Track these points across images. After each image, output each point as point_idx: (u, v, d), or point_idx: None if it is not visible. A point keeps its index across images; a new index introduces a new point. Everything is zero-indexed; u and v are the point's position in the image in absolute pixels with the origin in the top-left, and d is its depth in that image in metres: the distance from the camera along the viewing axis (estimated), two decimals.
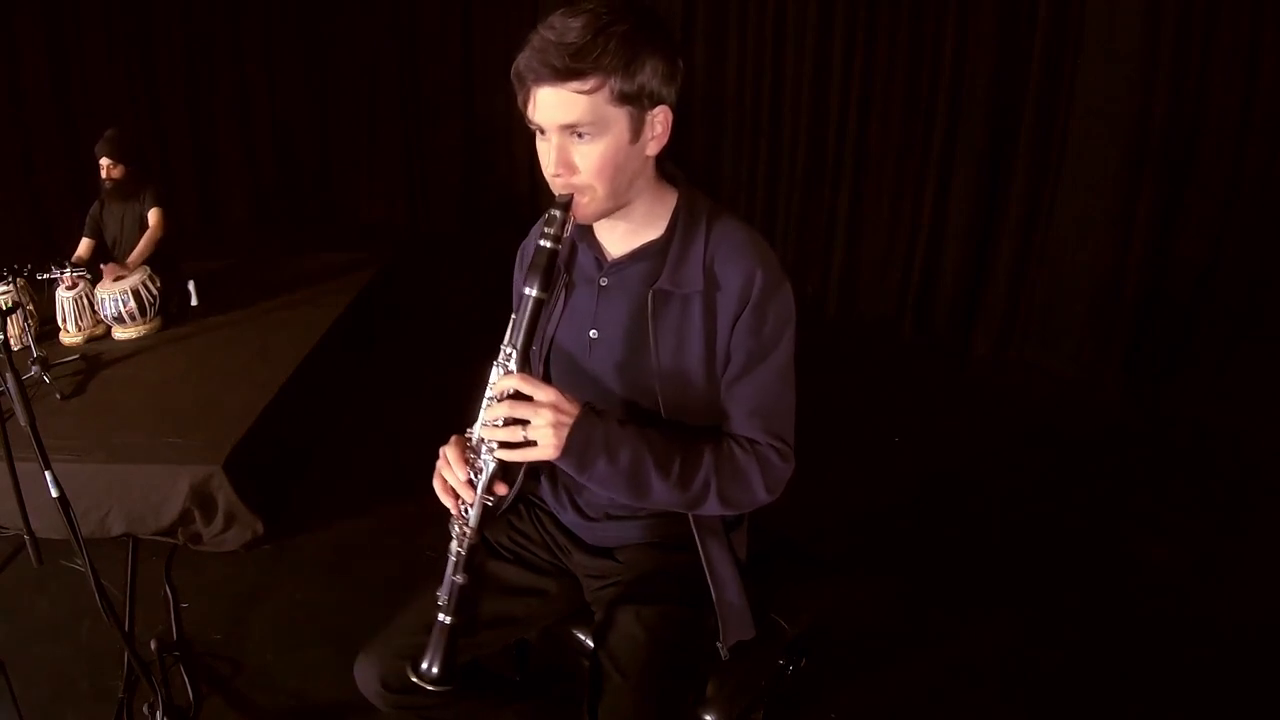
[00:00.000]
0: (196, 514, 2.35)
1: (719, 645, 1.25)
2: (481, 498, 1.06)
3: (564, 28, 0.97)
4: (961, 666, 1.96)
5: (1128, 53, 3.08)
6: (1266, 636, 2.03)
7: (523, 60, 1.00)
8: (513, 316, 1.05)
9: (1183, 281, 3.16)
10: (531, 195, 5.57)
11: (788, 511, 1.24)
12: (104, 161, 3.32)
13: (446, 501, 1.09)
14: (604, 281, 1.18)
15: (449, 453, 1.08)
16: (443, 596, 1.10)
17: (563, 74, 0.97)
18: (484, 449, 1.06)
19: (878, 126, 3.91)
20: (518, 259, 1.30)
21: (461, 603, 1.10)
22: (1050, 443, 3.03)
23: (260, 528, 2.39)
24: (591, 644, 1.28)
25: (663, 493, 1.09)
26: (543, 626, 1.40)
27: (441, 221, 5.95)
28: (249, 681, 1.92)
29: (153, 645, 1.92)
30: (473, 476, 1.07)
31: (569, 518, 1.35)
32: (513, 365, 1.04)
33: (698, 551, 1.23)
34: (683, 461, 1.09)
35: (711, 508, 1.12)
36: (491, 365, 1.06)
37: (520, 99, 1.04)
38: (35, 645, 2.02)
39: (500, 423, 1.03)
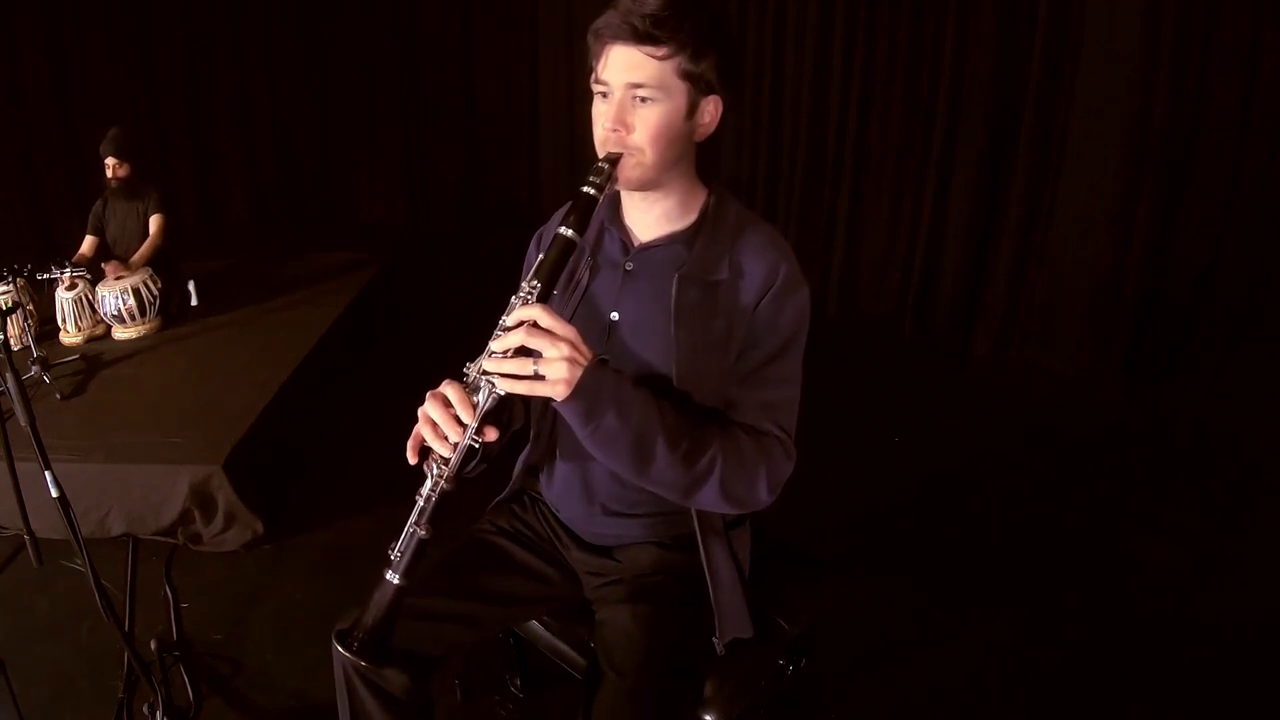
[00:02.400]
0: (196, 514, 2.35)
1: (715, 640, 1.25)
2: (470, 438, 1.00)
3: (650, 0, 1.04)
4: (961, 666, 1.96)
5: (1128, 53, 3.08)
6: (1266, 636, 2.03)
7: (603, 20, 1.06)
8: (539, 255, 1.05)
9: (1183, 281, 3.16)
10: (531, 195, 5.58)
11: (788, 511, 1.24)
12: (109, 161, 3.33)
13: (430, 437, 1.02)
14: (629, 265, 1.19)
15: (449, 392, 1.01)
16: (396, 550, 1.04)
17: (641, 36, 1.03)
18: (483, 383, 1.00)
19: (878, 126, 3.91)
20: (533, 243, 1.31)
21: (415, 562, 1.03)
22: (1050, 443, 3.03)
23: (260, 528, 2.39)
24: (590, 642, 1.28)
25: (665, 467, 1.05)
26: (541, 613, 1.41)
27: (441, 221, 5.95)
28: (249, 681, 1.92)
29: (153, 645, 1.92)
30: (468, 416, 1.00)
31: (567, 513, 1.35)
32: (534, 298, 1.00)
33: (697, 551, 1.23)
34: (691, 438, 1.07)
35: (708, 496, 1.08)
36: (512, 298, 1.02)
37: (593, 56, 1.09)
38: (35, 645, 2.02)
39: (512, 352, 0.98)
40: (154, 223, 3.39)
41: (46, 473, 1.46)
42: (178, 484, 2.33)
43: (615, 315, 1.19)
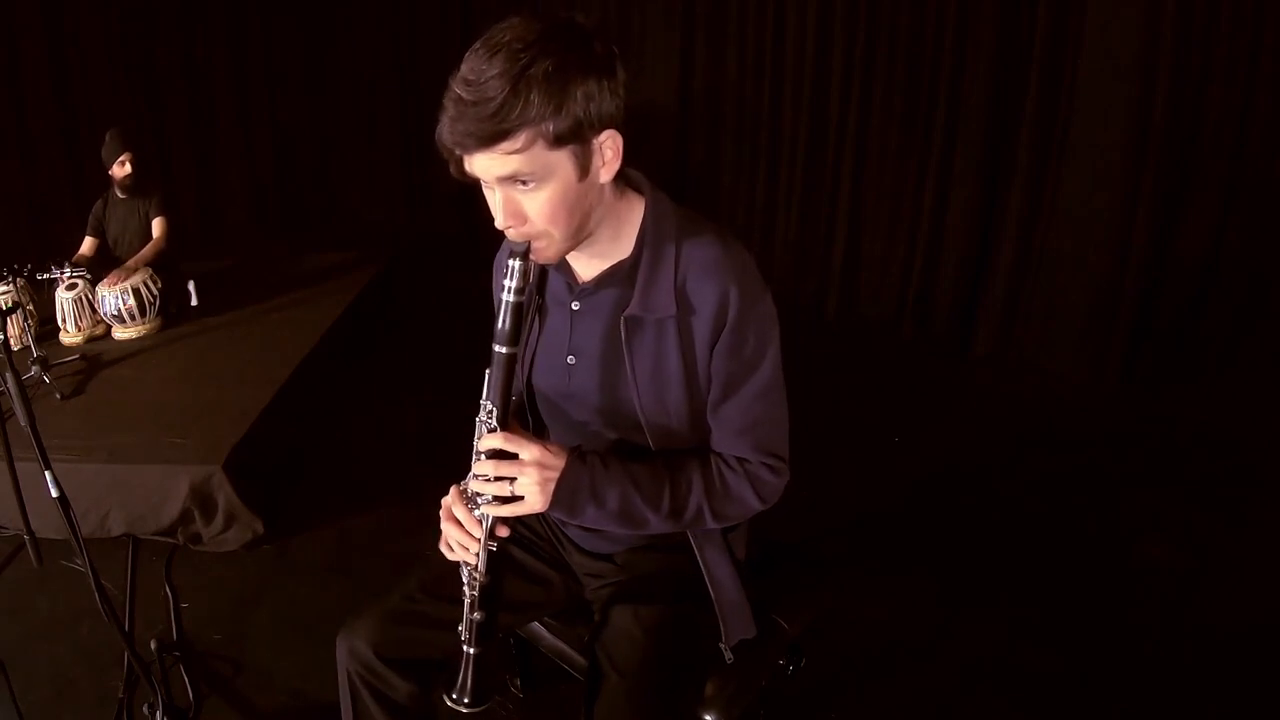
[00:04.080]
0: (196, 514, 2.35)
1: (722, 646, 1.25)
2: (485, 545, 1.08)
3: (480, 81, 0.88)
4: (961, 666, 1.96)
5: (1128, 52, 3.08)
6: (1266, 636, 2.03)
7: (444, 130, 0.91)
8: (487, 372, 1.03)
9: (1183, 282, 3.16)
10: None
11: (788, 511, 1.24)
12: (124, 156, 3.33)
13: (456, 549, 1.10)
14: (575, 306, 1.15)
15: (456, 511, 1.09)
16: (464, 633, 1.13)
17: (488, 140, 0.89)
18: (480, 499, 1.07)
19: (878, 126, 3.91)
20: (495, 265, 1.25)
21: (482, 634, 1.13)
22: (1050, 443, 3.03)
23: (260, 528, 2.39)
24: (590, 643, 1.28)
25: (658, 524, 1.11)
26: (543, 616, 1.41)
27: (441, 221, 5.95)
28: (249, 681, 1.92)
29: (153, 645, 1.92)
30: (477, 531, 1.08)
31: (567, 524, 1.35)
32: (494, 422, 1.04)
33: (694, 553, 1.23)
34: (672, 493, 1.10)
35: (710, 526, 1.15)
36: (476, 420, 1.06)
37: (451, 166, 0.95)
38: (35, 645, 2.02)
39: (490, 477, 1.04)
40: (157, 225, 3.40)
41: (46, 473, 1.46)
42: (178, 484, 2.32)
43: (571, 359, 1.17)
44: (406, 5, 5.66)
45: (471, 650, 1.13)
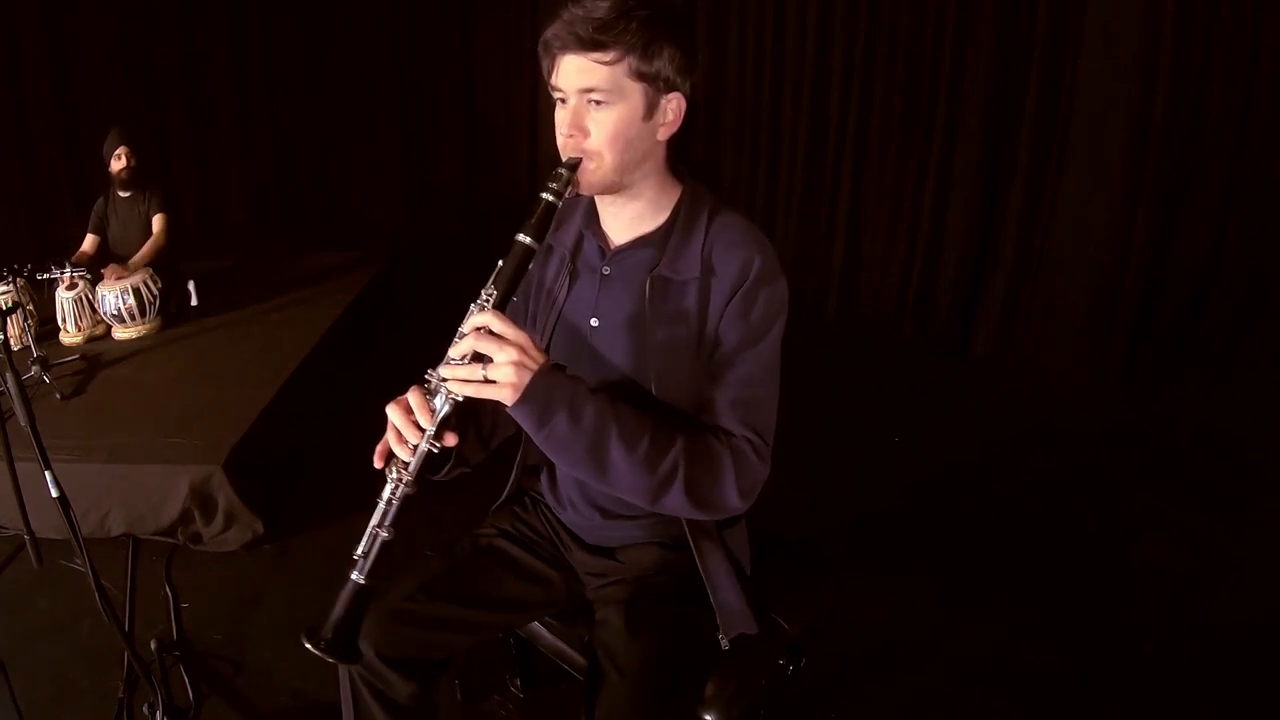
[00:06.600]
0: (196, 514, 2.35)
1: (720, 637, 1.25)
2: (428, 441, 1.01)
3: (592, 5, 1.03)
4: (961, 666, 1.96)
5: (1128, 52, 3.08)
6: (1266, 636, 2.03)
7: (550, 31, 1.06)
8: (499, 262, 1.05)
9: (1183, 282, 3.16)
10: (531, 196, 5.56)
11: (788, 511, 1.24)
12: (122, 150, 3.34)
13: (392, 442, 1.03)
14: (606, 270, 1.19)
15: (411, 398, 1.03)
16: (360, 552, 1.05)
17: (586, 44, 1.03)
18: (441, 391, 1.01)
19: (878, 127, 3.92)
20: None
21: (379, 563, 1.04)
22: (1050, 443, 3.03)
23: (260, 528, 2.39)
24: (591, 642, 1.28)
25: (625, 471, 1.03)
26: (543, 616, 1.41)
27: (441, 221, 5.95)
28: (249, 681, 1.92)
29: (153, 645, 1.92)
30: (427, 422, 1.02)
31: (568, 516, 1.36)
32: (490, 305, 1.02)
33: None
34: (652, 440, 1.04)
35: (675, 499, 1.05)
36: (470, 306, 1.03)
37: (545, 67, 1.09)
38: (35, 645, 2.02)
39: (467, 357, 1.00)
40: (157, 222, 3.40)
41: (46, 473, 1.46)
42: (178, 484, 2.33)
43: (595, 321, 1.19)
44: (406, 5, 5.66)
45: (361, 580, 1.04)
